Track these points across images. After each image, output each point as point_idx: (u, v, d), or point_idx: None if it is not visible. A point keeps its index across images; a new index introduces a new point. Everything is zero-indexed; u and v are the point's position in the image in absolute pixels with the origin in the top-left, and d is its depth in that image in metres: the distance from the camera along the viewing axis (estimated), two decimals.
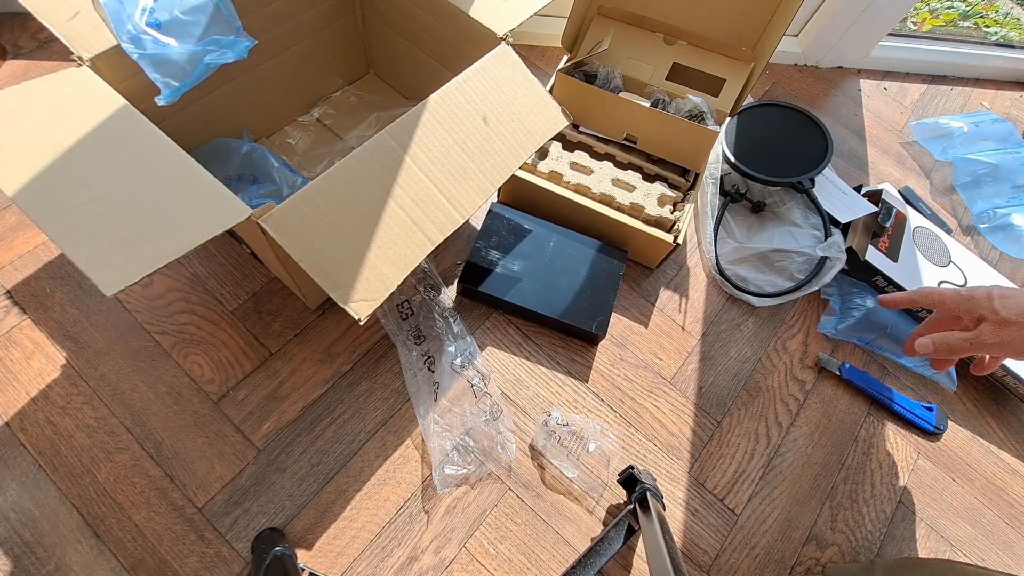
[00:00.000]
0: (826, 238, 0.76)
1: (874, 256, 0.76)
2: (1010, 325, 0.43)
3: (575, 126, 0.78)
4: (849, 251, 0.76)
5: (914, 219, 0.83)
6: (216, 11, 0.51)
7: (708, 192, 0.82)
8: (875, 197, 0.82)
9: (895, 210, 0.81)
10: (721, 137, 0.81)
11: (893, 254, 0.78)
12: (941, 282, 0.78)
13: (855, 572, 0.59)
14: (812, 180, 0.79)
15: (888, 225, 0.79)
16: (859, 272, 0.78)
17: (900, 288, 0.76)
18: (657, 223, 0.71)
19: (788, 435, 0.70)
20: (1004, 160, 0.93)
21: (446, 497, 0.60)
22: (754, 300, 0.76)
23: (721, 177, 0.83)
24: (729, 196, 0.82)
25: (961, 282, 0.80)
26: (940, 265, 0.80)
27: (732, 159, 0.81)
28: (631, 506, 0.57)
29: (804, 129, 0.83)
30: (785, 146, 0.82)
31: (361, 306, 0.42)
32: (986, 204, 0.91)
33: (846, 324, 0.76)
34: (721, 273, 0.77)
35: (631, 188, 0.73)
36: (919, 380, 0.77)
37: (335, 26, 0.72)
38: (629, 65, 0.77)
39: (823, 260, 0.75)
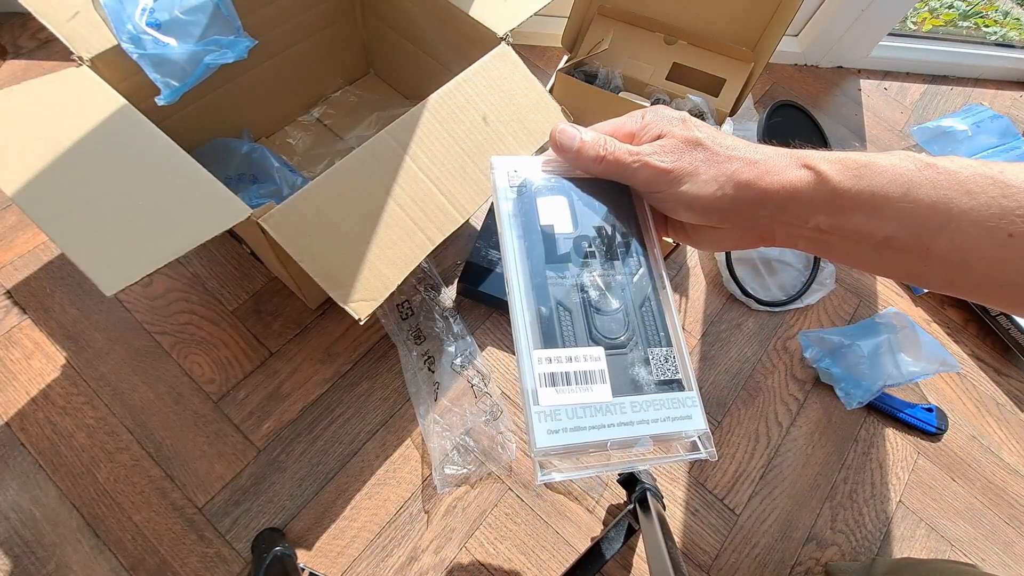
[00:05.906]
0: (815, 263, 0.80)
1: None
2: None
3: None
4: None
5: None
6: (216, 11, 0.51)
7: None
8: None
9: None
10: (761, 125, 0.81)
11: None
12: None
13: (855, 570, 0.59)
14: None
15: None
16: None
17: None
18: None
19: (788, 435, 0.70)
20: (1010, 160, 0.94)
21: (446, 497, 0.60)
22: (753, 305, 0.77)
23: None
24: None
25: None
26: None
27: None
28: (631, 506, 0.57)
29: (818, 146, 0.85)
30: None
31: (361, 306, 0.42)
32: None
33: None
34: (731, 272, 0.76)
35: None
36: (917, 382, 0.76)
37: (335, 26, 0.72)
38: (629, 65, 0.77)
39: (809, 282, 0.78)
